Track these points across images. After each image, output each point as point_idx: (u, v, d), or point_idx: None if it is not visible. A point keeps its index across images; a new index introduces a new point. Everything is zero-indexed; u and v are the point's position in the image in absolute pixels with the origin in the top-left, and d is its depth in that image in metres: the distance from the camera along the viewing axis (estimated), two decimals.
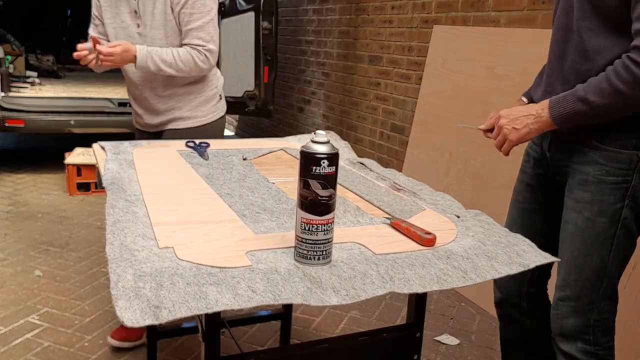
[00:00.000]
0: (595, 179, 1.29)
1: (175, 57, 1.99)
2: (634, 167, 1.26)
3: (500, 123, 1.35)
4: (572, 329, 1.36)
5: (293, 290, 0.88)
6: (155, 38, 2.03)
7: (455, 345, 2.35)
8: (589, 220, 1.31)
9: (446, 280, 0.96)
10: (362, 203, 1.33)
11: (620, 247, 1.31)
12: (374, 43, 3.87)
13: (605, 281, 1.33)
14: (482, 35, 2.81)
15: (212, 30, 2.04)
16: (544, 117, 1.27)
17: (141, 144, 1.82)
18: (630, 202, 1.28)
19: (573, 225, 1.34)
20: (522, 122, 1.31)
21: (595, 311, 1.34)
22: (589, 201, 1.31)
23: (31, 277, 2.75)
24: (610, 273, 1.33)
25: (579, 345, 1.36)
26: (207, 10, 2.01)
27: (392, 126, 3.69)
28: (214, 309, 0.82)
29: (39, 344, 2.19)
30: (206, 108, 2.21)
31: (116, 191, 1.29)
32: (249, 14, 4.18)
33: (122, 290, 0.84)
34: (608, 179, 1.28)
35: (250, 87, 4.31)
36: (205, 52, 2.03)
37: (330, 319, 2.52)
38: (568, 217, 1.36)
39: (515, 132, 1.32)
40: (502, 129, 1.34)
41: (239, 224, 1.14)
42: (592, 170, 1.30)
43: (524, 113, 1.31)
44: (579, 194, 1.33)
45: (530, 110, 1.31)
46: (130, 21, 2.04)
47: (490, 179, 2.65)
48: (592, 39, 1.25)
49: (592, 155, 1.29)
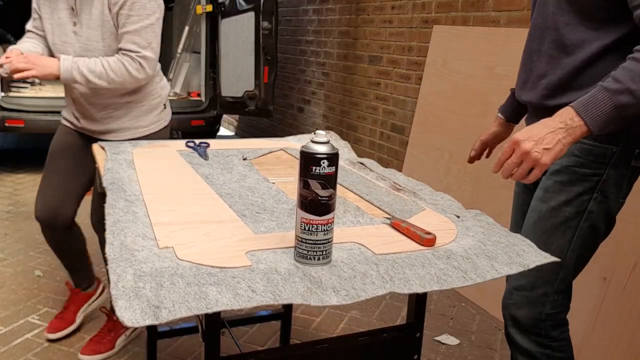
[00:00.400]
0: (567, 169, 1.29)
1: (106, 67, 1.84)
2: (608, 161, 1.26)
3: (524, 149, 1.15)
4: (525, 320, 1.36)
5: (293, 290, 0.88)
6: (92, 39, 1.90)
7: (455, 345, 2.35)
8: (554, 209, 1.31)
9: (446, 280, 0.96)
10: (362, 203, 1.33)
11: (581, 241, 1.31)
12: (374, 43, 3.87)
13: (561, 274, 1.33)
14: (482, 35, 2.81)
15: (150, 36, 1.87)
16: (578, 126, 1.14)
17: (141, 144, 1.82)
18: (599, 196, 1.28)
19: (537, 213, 1.34)
20: (553, 140, 1.14)
21: (548, 304, 1.34)
22: (557, 190, 1.30)
23: (31, 277, 2.75)
24: (567, 266, 1.33)
25: (532, 337, 1.36)
26: (146, 13, 1.86)
27: (392, 126, 3.69)
28: (214, 309, 0.82)
29: (39, 344, 2.19)
30: (149, 118, 2.08)
31: (116, 191, 1.29)
32: (249, 14, 4.18)
33: (122, 290, 0.84)
34: (580, 170, 1.28)
35: (250, 87, 4.32)
36: (140, 60, 1.86)
37: (330, 319, 2.52)
38: (533, 206, 1.36)
39: (548, 152, 1.14)
40: (529, 155, 1.15)
41: (239, 224, 1.14)
42: (565, 161, 1.29)
43: (549, 129, 1.15)
44: (549, 182, 1.33)
45: (554, 124, 1.15)
46: (67, 18, 1.92)
47: (490, 179, 2.65)
48: (571, 33, 1.25)
49: None
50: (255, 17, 4.11)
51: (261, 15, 4.06)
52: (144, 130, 2.09)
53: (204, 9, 4.60)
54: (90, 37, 1.90)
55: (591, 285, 2.06)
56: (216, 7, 4.55)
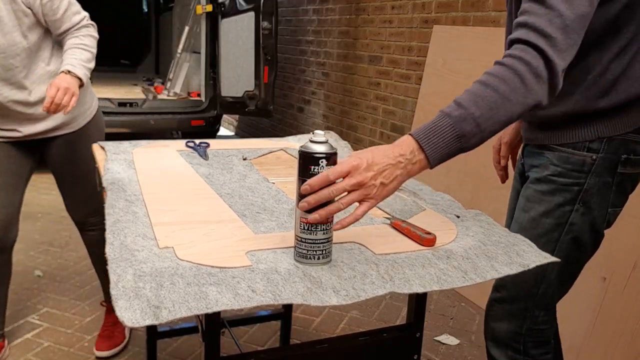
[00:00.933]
0: (546, 179, 1.22)
1: (86, 48, 1.84)
2: (588, 170, 1.18)
3: (362, 178, 0.93)
4: (504, 334, 1.29)
5: (293, 290, 0.88)
6: (13, 43, 1.78)
7: (455, 345, 2.35)
8: (533, 220, 1.24)
9: (446, 280, 0.96)
10: None
11: (563, 254, 1.21)
12: (374, 43, 3.87)
13: (542, 288, 1.25)
14: (482, 35, 2.81)
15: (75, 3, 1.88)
16: (417, 161, 0.99)
17: (141, 144, 1.82)
18: (581, 207, 1.19)
19: (519, 224, 1.27)
20: (391, 174, 0.96)
21: (528, 319, 1.27)
22: (537, 200, 1.23)
23: (31, 277, 2.75)
24: (549, 281, 1.25)
25: (509, 353, 1.29)
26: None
27: (392, 126, 3.69)
28: (214, 309, 0.82)
29: (39, 344, 2.19)
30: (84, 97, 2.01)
31: (116, 191, 1.29)
32: (249, 14, 4.19)
33: (122, 290, 0.84)
34: (559, 180, 1.20)
35: (250, 87, 4.32)
36: (90, 23, 1.90)
37: (330, 319, 2.52)
38: (517, 215, 1.29)
39: (384, 188, 0.96)
40: (365, 186, 0.94)
41: (239, 224, 1.14)
42: (545, 171, 1.23)
43: (389, 161, 0.96)
44: (529, 192, 1.26)
45: (394, 155, 0.97)
46: None
47: (490, 179, 2.65)
48: None
49: (547, 156, 1.23)
50: (255, 17, 4.11)
51: (261, 15, 4.06)
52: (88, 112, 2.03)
53: (204, 9, 4.60)
54: (11, 42, 1.78)
55: (591, 285, 2.06)
56: (216, 7, 4.56)
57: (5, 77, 1.82)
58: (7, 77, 1.82)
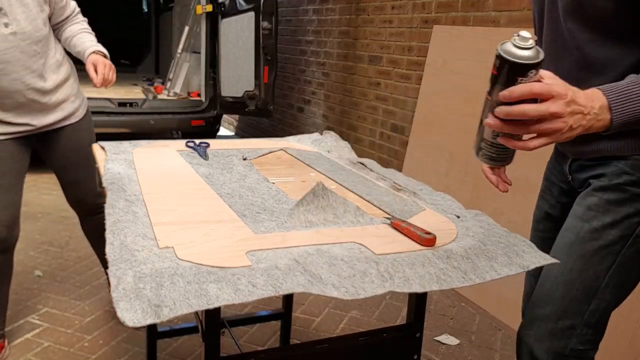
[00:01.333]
0: (617, 187, 1.11)
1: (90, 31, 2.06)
2: None
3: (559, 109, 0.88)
4: (544, 354, 1.17)
5: (294, 282, 0.88)
6: (37, 29, 1.84)
7: (455, 345, 2.35)
8: (595, 230, 1.13)
9: (446, 280, 0.96)
10: (362, 203, 1.34)
11: (623, 268, 1.13)
12: (374, 43, 3.87)
13: (594, 304, 1.15)
14: (482, 35, 2.81)
15: None
16: (602, 120, 0.94)
17: (141, 144, 1.82)
18: None
19: (575, 234, 1.16)
20: (580, 121, 0.92)
21: (574, 338, 1.16)
22: (602, 209, 1.13)
23: (31, 277, 2.75)
24: (602, 296, 1.14)
25: None
26: None
27: (392, 126, 3.69)
28: (215, 305, 0.82)
29: (39, 344, 2.19)
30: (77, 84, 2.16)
31: (116, 191, 1.29)
32: (249, 14, 4.19)
33: (122, 292, 0.84)
34: (632, 189, 1.10)
35: (250, 87, 4.32)
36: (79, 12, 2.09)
37: (330, 319, 2.52)
38: (571, 225, 1.18)
39: (570, 132, 0.92)
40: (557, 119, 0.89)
41: (239, 224, 1.15)
42: (615, 178, 1.12)
43: (587, 106, 0.92)
44: (592, 200, 1.15)
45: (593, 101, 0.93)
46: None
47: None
48: (597, 51, 1.09)
49: (618, 164, 1.12)
50: (255, 17, 4.11)
51: (261, 15, 4.06)
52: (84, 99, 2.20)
53: (204, 9, 4.60)
54: (36, 28, 1.84)
55: None
56: (216, 7, 4.56)
57: (28, 65, 1.87)
58: (30, 64, 1.87)
